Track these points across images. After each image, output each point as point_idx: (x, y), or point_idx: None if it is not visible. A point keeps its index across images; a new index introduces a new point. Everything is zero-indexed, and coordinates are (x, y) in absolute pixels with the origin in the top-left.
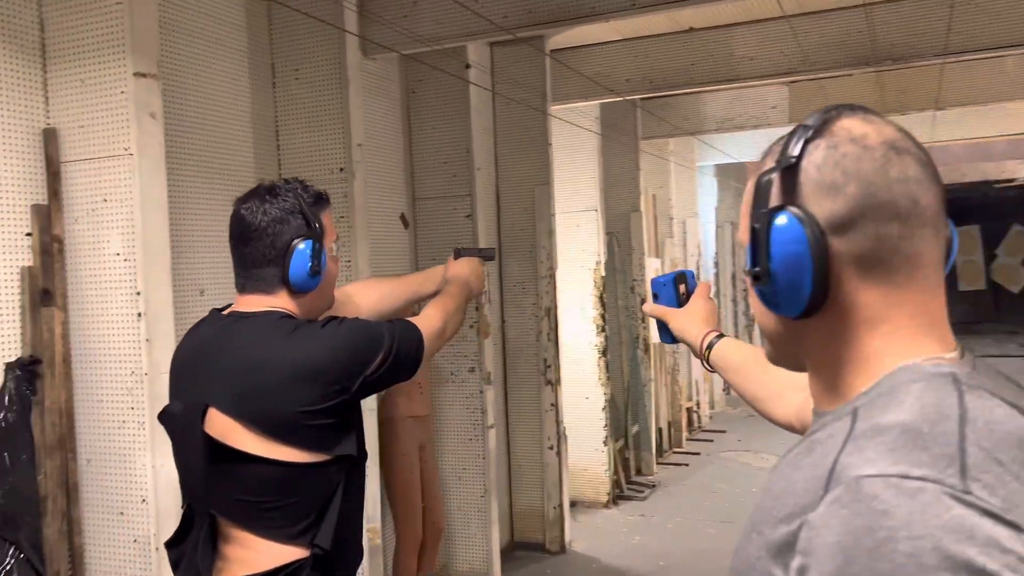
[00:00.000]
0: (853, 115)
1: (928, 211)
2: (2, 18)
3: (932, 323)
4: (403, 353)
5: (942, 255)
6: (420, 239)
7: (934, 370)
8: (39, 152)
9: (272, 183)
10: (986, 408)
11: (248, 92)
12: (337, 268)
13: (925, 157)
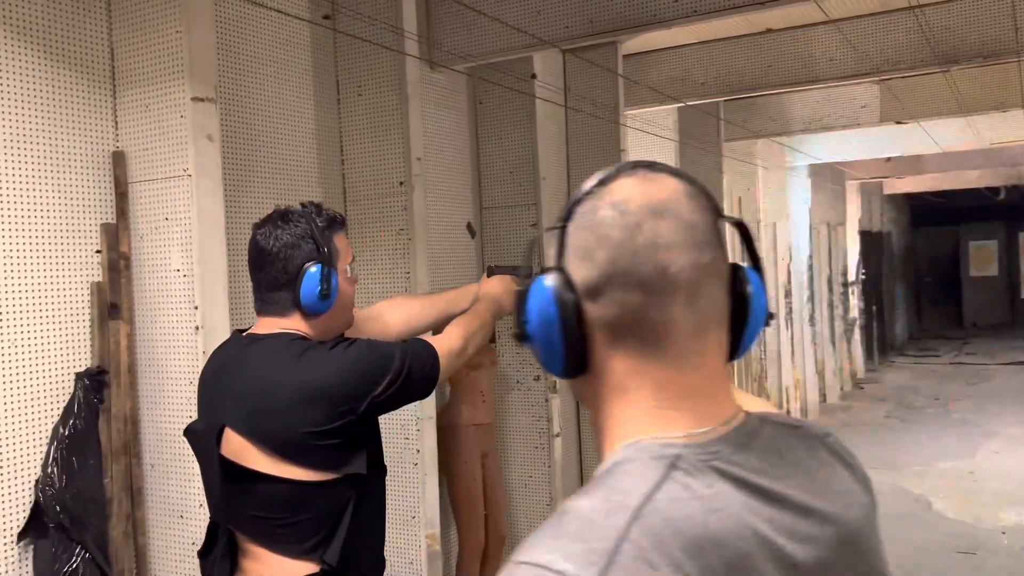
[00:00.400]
0: (632, 175)
1: (679, 278)
2: (77, 47)
3: (682, 396)
4: (415, 373)
5: (708, 323)
6: (487, 248)
7: (656, 451)
8: (109, 173)
9: (286, 209)
10: (677, 501)
11: (312, 109)
12: (353, 289)
13: (698, 219)
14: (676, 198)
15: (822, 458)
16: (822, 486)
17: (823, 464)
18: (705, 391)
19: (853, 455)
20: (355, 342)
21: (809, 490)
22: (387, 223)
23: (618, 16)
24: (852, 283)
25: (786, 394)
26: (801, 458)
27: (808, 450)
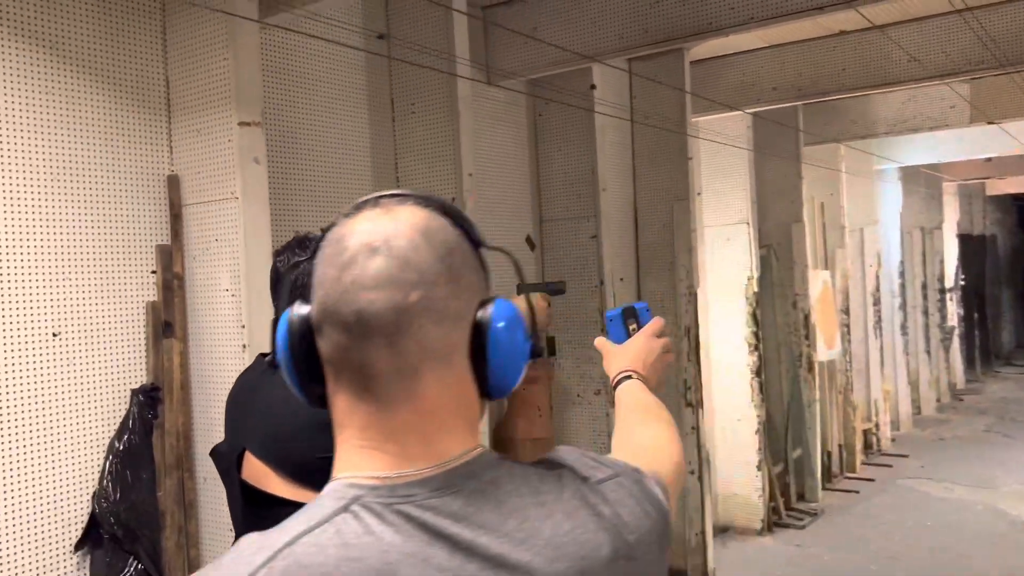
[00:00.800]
0: (373, 207)
1: (376, 320)
2: (135, 76)
3: (386, 437)
4: None
5: (419, 363)
6: (547, 260)
7: (340, 491)
8: (164, 196)
9: (305, 235)
10: (318, 546)
11: (367, 127)
12: None
13: (420, 257)
14: (401, 234)
15: (561, 505)
16: (532, 536)
17: (555, 512)
18: (416, 432)
19: (621, 502)
20: None
21: (513, 540)
22: None
23: (673, 25)
24: (950, 289)
25: (875, 407)
26: (524, 505)
27: (540, 495)
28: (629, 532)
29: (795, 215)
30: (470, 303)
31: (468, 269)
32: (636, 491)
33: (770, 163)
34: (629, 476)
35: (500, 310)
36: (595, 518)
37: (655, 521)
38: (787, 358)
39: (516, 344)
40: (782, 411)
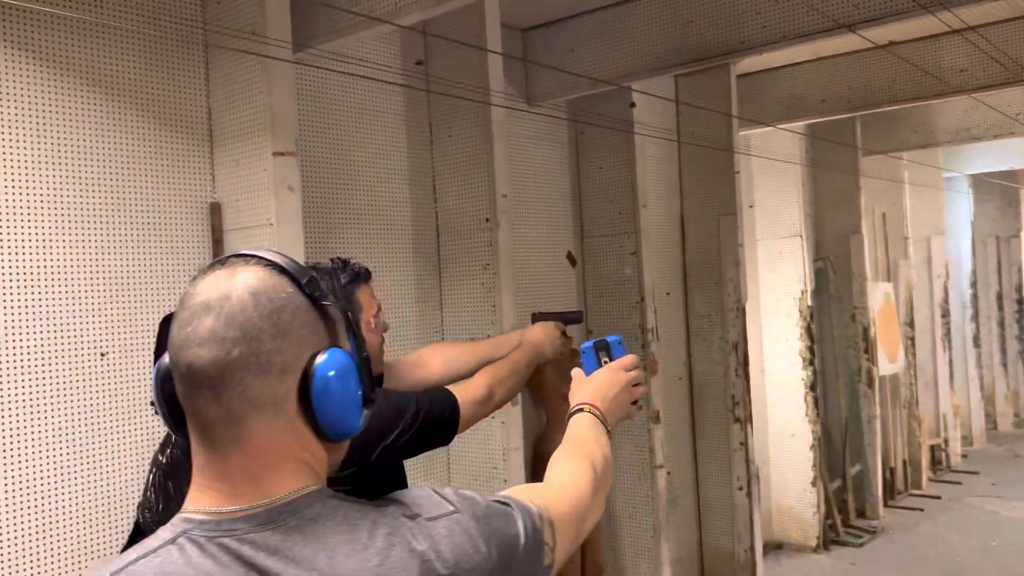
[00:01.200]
0: (221, 268)
1: (202, 374)
2: (180, 109)
3: (217, 478)
4: (431, 422)
5: (244, 413)
6: (588, 276)
7: (175, 524)
8: (207, 222)
9: (312, 265)
10: (142, 573)
11: (405, 150)
12: (379, 339)
13: (246, 315)
14: (233, 294)
15: (374, 541)
16: (336, 570)
17: (365, 548)
18: (245, 473)
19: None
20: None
21: (320, 573)
22: (475, 258)
23: (707, 44)
24: None
25: (943, 422)
26: (338, 541)
27: (355, 532)
28: (445, 567)
29: (853, 227)
30: (299, 355)
31: (300, 324)
32: (473, 528)
33: (826, 174)
34: (471, 515)
35: (331, 360)
36: (408, 552)
37: (485, 558)
38: (845, 372)
39: (348, 391)
40: (840, 426)
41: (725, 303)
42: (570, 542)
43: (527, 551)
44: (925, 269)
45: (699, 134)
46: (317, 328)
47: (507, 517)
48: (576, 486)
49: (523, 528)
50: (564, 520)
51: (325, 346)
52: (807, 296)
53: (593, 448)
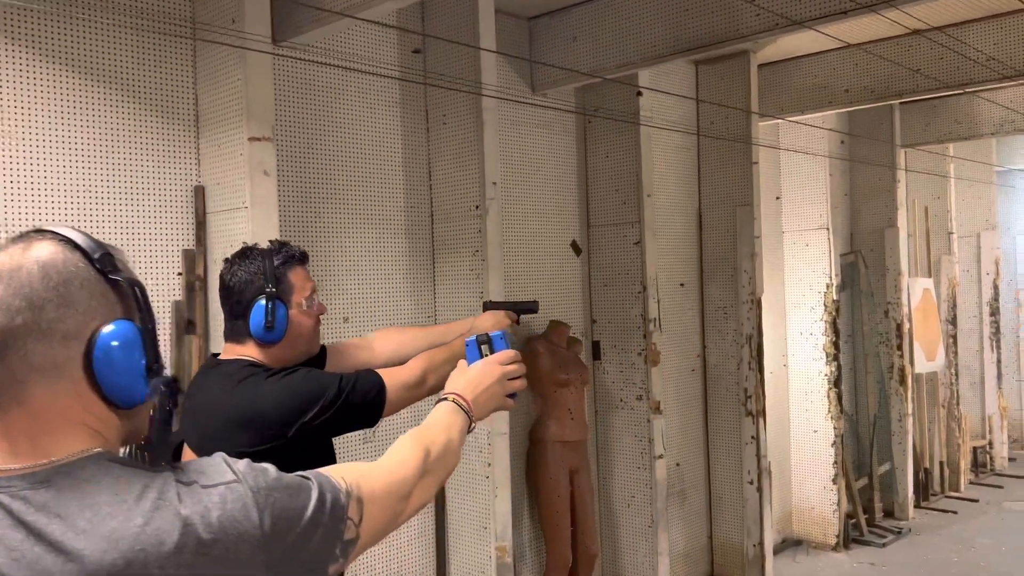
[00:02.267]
0: (16, 243)
1: None
2: (168, 96)
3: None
4: (355, 402)
5: (24, 377)
6: (593, 265)
7: None
8: (191, 205)
9: (251, 246)
10: None
11: (400, 138)
12: (312, 320)
13: (31, 287)
14: (23, 266)
15: (138, 504)
16: (95, 529)
17: (129, 510)
18: (25, 434)
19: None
20: (295, 371)
21: (77, 530)
22: (466, 244)
23: (703, 34)
24: None
25: (989, 423)
26: (103, 502)
27: (123, 494)
28: (208, 531)
29: (889, 219)
30: (85, 325)
31: (87, 296)
32: (250, 498)
33: (863, 166)
34: (252, 484)
35: (116, 331)
36: (173, 515)
37: (255, 526)
38: (876, 369)
39: (131, 360)
40: (868, 424)
41: (740, 295)
42: (386, 519)
43: (317, 520)
44: (974, 265)
45: (718, 124)
46: (107, 300)
47: (297, 491)
48: (399, 469)
49: (315, 502)
50: (375, 498)
51: (114, 318)
52: (832, 290)
53: (436, 435)
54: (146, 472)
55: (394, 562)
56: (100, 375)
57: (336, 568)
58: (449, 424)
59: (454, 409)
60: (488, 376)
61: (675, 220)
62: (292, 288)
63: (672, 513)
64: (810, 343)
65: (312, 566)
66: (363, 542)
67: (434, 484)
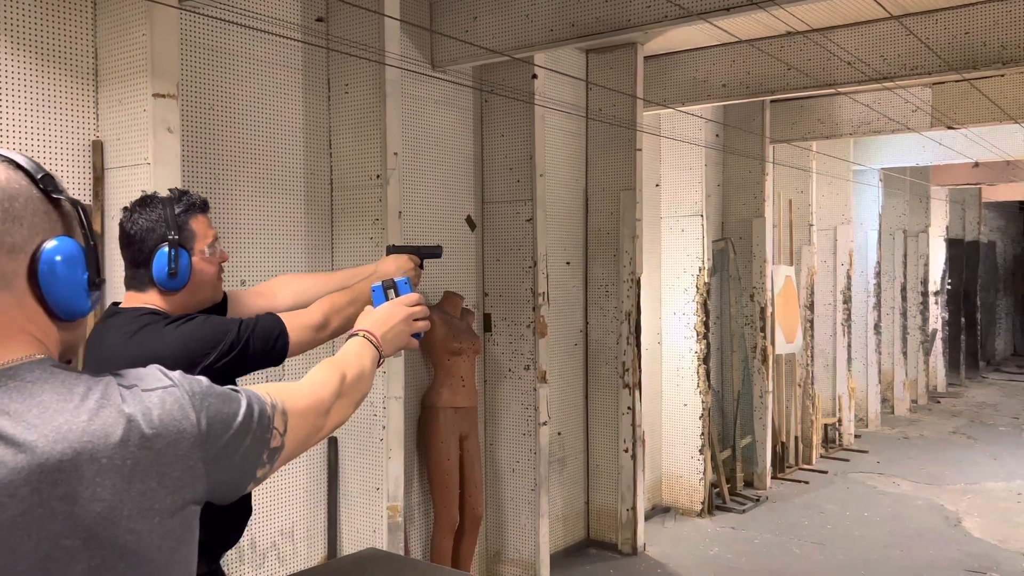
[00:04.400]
0: None
1: None
2: (64, 47)
3: None
4: (255, 345)
5: None
6: (487, 240)
7: None
8: (89, 160)
9: (151, 195)
10: None
11: (301, 105)
12: (214, 268)
13: None
14: None
15: (84, 403)
16: (44, 423)
17: (76, 407)
18: None
19: (156, 405)
20: (192, 318)
21: (27, 424)
22: (366, 213)
23: (597, 20)
24: (935, 293)
25: (839, 403)
26: (50, 400)
27: (69, 394)
28: (150, 427)
29: (757, 210)
30: (30, 239)
31: (31, 212)
32: (187, 400)
33: (734, 159)
34: (188, 390)
35: (59, 247)
36: (117, 413)
37: (193, 424)
38: (741, 348)
39: (73, 274)
40: (732, 400)
41: (621, 274)
42: (306, 432)
43: (246, 426)
44: (830, 256)
45: (606, 111)
46: (50, 218)
47: (228, 399)
48: (318, 389)
49: (245, 411)
50: (297, 412)
51: (57, 234)
52: (704, 273)
53: (349, 362)
54: (88, 376)
55: (286, 520)
56: (44, 287)
57: (263, 472)
58: (360, 354)
59: (364, 343)
60: (394, 316)
61: (563, 201)
62: (194, 235)
63: (553, 479)
64: (683, 322)
65: (243, 468)
66: (287, 451)
67: (349, 405)
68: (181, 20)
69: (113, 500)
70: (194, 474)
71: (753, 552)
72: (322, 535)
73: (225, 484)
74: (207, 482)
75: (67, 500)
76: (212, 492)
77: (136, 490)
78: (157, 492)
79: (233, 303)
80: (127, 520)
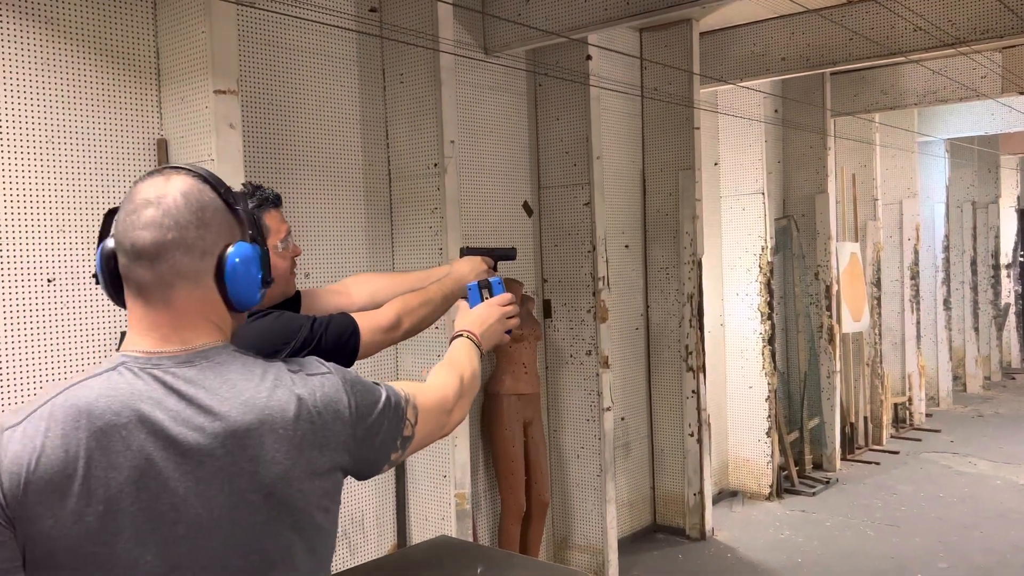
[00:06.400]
0: (157, 174)
1: (145, 249)
2: (129, 48)
3: (150, 328)
4: (328, 344)
5: (172, 280)
6: (544, 225)
7: (115, 359)
8: (154, 158)
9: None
10: (88, 387)
11: (357, 96)
12: (288, 262)
13: (178, 209)
14: (168, 194)
15: (264, 382)
16: (234, 396)
17: (257, 385)
18: (170, 326)
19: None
20: (267, 313)
21: (220, 397)
22: (424, 202)
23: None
24: (1007, 266)
25: (909, 381)
26: (236, 378)
27: (251, 375)
28: (315, 406)
29: (819, 186)
30: (216, 243)
31: (218, 220)
32: (341, 386)
33: (795, 134)
34: (342, 377)
35: (239, 250)
36: (289, 392)
37: (347, 406)
38: (807, 329)
39: (250, 273)
40: (799, 381)
41: (681, 256)
42: (433, 426)
43: (385, 414)
44: (896, 231)
45: (662, 90)
46: (231, 225)
47: (371, 389)
48: (443, 389)
49: (384, 400)
50: (426, 408)
51: (236, 239)
52: (767, 252)
53: (464, 364)
54: (264, 360)
55: (356, 510)
56: (229, 284)
57: (396, 456)
58: (470, 356)
59: (470, 344)
60: (491, 316)
61: (621, 184)
62: (267, 230)
63: (618, 465)
64: (746, 303)
65: (381, 449)
66: (416, 441)
67: (468, 404)
68: (238, 16)
69: (287, 464)
70: (346, 447)
71: (825, 535)
72: (391, 524)
73: (367, 461)
74: (353, 456)
75: (253, 461)
76: (356, 466)
77: (304, 457)
78: (319, 460)
79: (309, 301)
80: (297, 481)
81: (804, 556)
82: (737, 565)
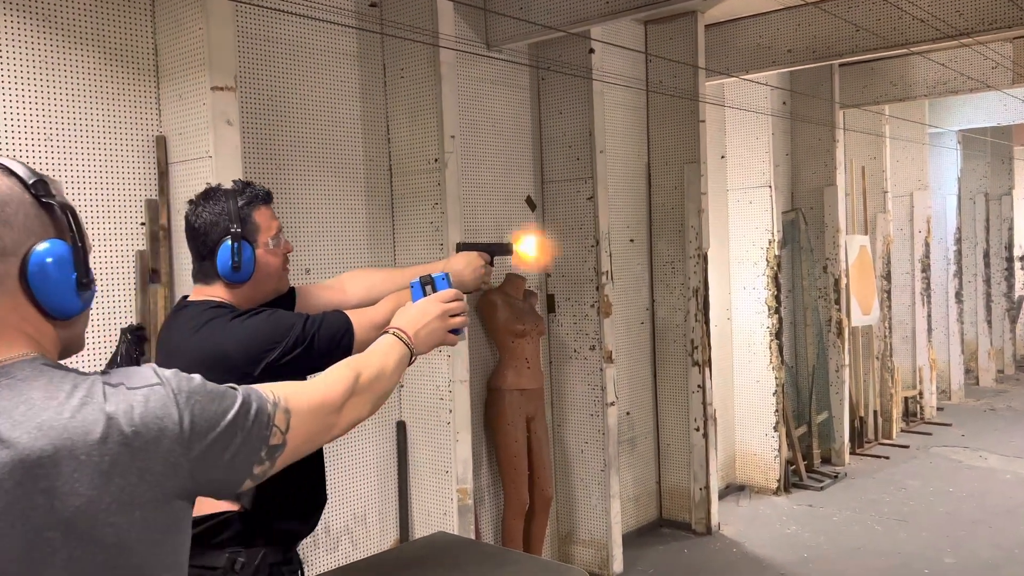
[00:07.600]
0: None
1: None
2: (127, 45)
3: None
4: (321, 342)
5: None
6: (548, 220)
7: None
8: (153, 155)
9: (215, 187)
10: None
11: (358, 91)
12: (279, 259)
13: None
14: None
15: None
16: (28, 420)
17: (60, 405)
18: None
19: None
20: (259, 312)
21: (12, 420)
22: (425, 197)
23: None
24: (1020, 258)
25: (920, 375)
26: (36, 398)
27: (55, 392)
28: (130, 425)
29: (828, 178)
30: (21, 242)
31: (23, 217)
32: (171, 399)
33: (803, 127)
34: (174, 388)
35: (49, 249)
36: (98, 411)
37: (175, 423)
38: (815, 322)
39: (63, 275)
40: (807, 375)
41: (687, 250)
42: (316, 430)
43: (238, 424)
44: (907, 224)
45: (667, 83)
46: (42, 222)
47: (220, 397)
48: (330, 387)
49: (237, 409)
50: (302, 410)
51: (47, 237)
52: (774, 246)
53: (370, 361)
54: (77, 374)
55: (359, 504)
56: (35, 287)
57: (262, 470)
58: (386, 352)
59: (393, 341)
60: (428, 313)
61: (625, 178)
62: (258, 228)
63: (622, 460)
64: (753, 297)
65: (234, 466)
66: (290, 449)
67: (366, 403)
68: (236, 12)
69: (91, 495)
70: (177, 471)
71: (832, 530)
72: (394, 518)
73: (216, 481)
74: (193, 479)
75: (47, 494)
76: (201, 489)
77: (115, 485)
78: (138, 487)
79: (303, 297)
80: (105, 514)
81: (811, 551)
82: (743, 560)
